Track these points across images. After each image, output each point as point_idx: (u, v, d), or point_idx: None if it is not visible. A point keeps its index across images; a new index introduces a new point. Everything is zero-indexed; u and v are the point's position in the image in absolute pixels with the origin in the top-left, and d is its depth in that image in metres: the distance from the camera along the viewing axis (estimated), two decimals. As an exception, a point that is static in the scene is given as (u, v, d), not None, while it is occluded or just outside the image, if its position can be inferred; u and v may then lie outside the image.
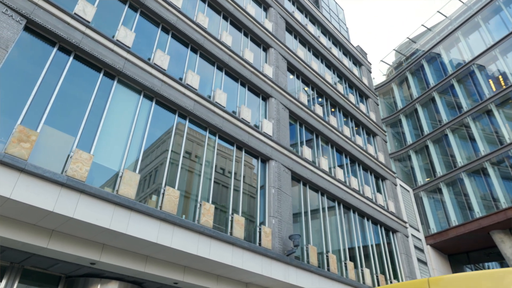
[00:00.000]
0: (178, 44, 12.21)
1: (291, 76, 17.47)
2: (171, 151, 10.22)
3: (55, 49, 8.73)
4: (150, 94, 10.36)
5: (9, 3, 7.98)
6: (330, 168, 16.57)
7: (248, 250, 10.34)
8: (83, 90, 8.95)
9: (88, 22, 9.44)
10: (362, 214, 17.04)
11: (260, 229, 11.51)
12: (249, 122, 12.94)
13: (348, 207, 16.39)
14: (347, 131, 19.13)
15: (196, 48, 12.72)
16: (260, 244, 11.15)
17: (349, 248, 15.13)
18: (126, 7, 10.99)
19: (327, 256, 13.61)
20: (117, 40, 9.91)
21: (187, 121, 11.09)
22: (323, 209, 14.89)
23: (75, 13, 9.22)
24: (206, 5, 14.32)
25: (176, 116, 10.85)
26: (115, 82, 9.67)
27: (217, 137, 11.81)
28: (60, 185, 7.33)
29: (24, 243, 7.47)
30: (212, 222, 10.00)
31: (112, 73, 9.66)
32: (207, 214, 9.98)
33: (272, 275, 10.67)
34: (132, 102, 9.91)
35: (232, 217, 10.84)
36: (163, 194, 9.32)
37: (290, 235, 11.75)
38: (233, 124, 12.23)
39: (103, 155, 8.76)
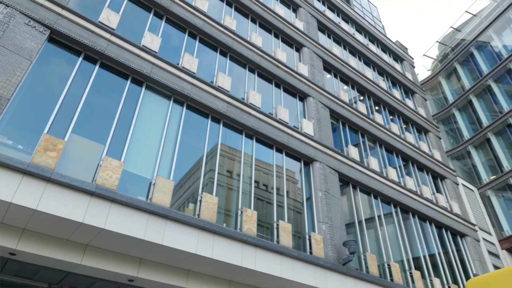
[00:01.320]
0: (206, 48, 11.77)
1: (328, 76, 16.48)
2: (206, 155, 9.55)
3: (80, 58, 8.50)
4: (180, 99, 9.86)
5: (32, 14, 7.87)
6: (381, 169, 15.14)
7: (298, 260, 9.28)
8: (110, 98, 8.60)
9: (113, 29, 9.21)
10: (423, 217, 15.30)
11: (309, 236, 10.41)
12: (287, 123, 12.07)
13: (406, 210, 14.78)
14: (395, 128, 17.63)
15: (225, 50, 12.22)
16: (311, 252, 10.03)
17: (413, 257, 13.47)
18: (151, 14, 10.76)
19: (388, 265, 12.11)
20: (143, 45, 9.59)
21: (221, 125, 10.44)
22: (378, 211, 13.46)
23: (99, 22, 9.03)
24: (233, 9, 13.91)
25: (209, 120, 10.24)
26: (143, 88, 9.28)
27: (254, 140, 11.03)
28: (90, 194, 6.83)
29: (58, 260, 7.00)
30: (256, 230, 9.09)
31: (139, 79, 9.29)
32: (249, 222, 9.10)
33: (328, 287, 9.47)
34: (162, 108, 9.45)
35: (277, 224, 9.87)
36: (200, 201, 8.60)
37: (344, 241, 10.51)
38: (270, 125, 11.43)
39: (134, 163, 8.25)
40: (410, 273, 12.67)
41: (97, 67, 8.69)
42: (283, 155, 11.59)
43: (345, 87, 17.06)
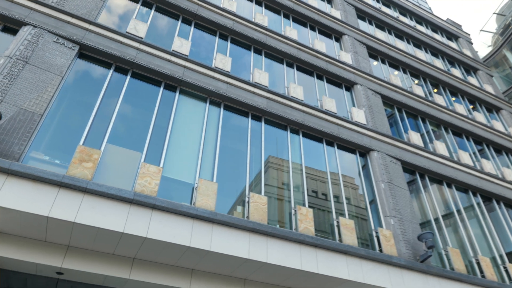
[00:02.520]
0: (239, 47, 11.30)
1: (375, 62, 15.23)
2: (250, 154, 8.88)
3: (111, 70, 8.38)
4: (216, 99, 9.38)
5: (60, 32, 7.92)
6: (450, 153, 13.41)
7: (367, 259, 8.12)
8: (144, 105, 8.33)
9: (141, 38, 9.07)
10: (510, 204, 13.18)
11: (376, 232, 9.19)
12: (335, 113, 11.09)
13: (487, 196, 12.83)
14: (461, 109, 15.73)
15: (259, 47, 11.67)
16: (381, 250, 8.80)
17: (505, 250, 11.49)
18: (179, 22, 10.56)
19: (476, 260, 10.37)
20: (173, 50, 9.33)
21: (263, 122, 9.76)
22: (455, 201, 11.76)
23: (127, 32, 8.94)
24: (263, 7, 13.43)
25: (250, 118, 9.62)
26: (177, 93, 8.94)
27: (300, 135, 10.18)
28: (128, 202, 6.44)
29: (106, 276, 6.63)
30: (313, 230, 8.14)
31: (172, 84, 8.97)
32: (305, 220, 8.18)
33: (407, 288, 8.16)
34: (198, 110, 9.01)
35: (337, 222, 8.82)
36: (248, 202, 7.90)
37: (418, 235, 9.13)
38: (316, 117, 10.53)
39: (174, 169, 7.81)
40: (505, 267, 10.75)
41: (128, 76, 8.52)
42: (334, 148, 10.57)
43: (396, 72, 15.65)
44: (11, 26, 7.69)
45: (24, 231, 6.12)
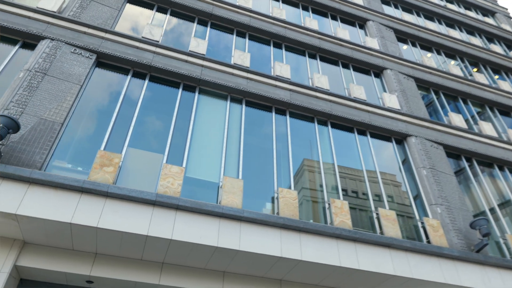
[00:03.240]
0: (257, 43, 11.00)
1: (405, 46, 14.37)
2: (276, 149, 8.47)
3: (129, 76, 8.33)
4: (237, 96, 9.08)
5: (77, 42, 7.98)
6: (499, 134, 12.26)
7: (413, 252, 7.40)
8: (164, 107, 8.19)
9: (157, 41, 9.00)
10: None
11: (422, 223, 8.41)
12: (365, 100, 10.44)
13: (548, 177, 11.53)
14: (506, 86, 14.44)
15: (279, 41, 11.30)
16: (429, 242, 8.02)
17: None
18: (195, 23, 10.44)
19: (542, 248, 9.23)
20: (190, 51, 9.18)
21: (288, 115, 9.33)
22: (510, 187, 10.64)
23: (143, 37, 8.90)
24: (280, 1, 13.08)
25: (273, 112, 9.22)
26: (196, 93, 8.74)
27: (329, 126, 9.63)
28: (151, 204, 6.22)
29: (136, 282, 6.43)
30: (351, 223, 7.54)
31: (191, 84, 8.79)
32: (340, 213, 7.61)
33: (463, 282, 7.33)
34: (219, 108, 8.75)
35: (377, 213, 8.16)
36: (277, 198, 7.46)
37: (471, 222, 8.24)
38: (345, 106, 9.94)
39: (198, 169, 7.55)
40: None
41: (146, 80, 8.43)
42: (367, 137, 9.91)
43: (429, 54, 14.68)
44: (30, 41, 7.84)
45: (50, 240, 6.05)
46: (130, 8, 9.86)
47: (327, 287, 7.41)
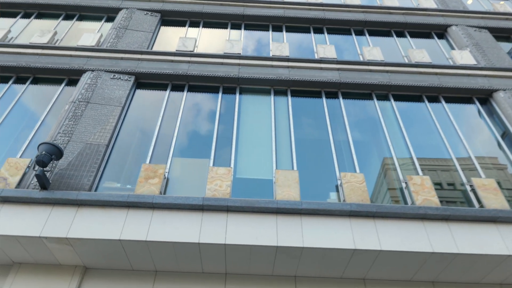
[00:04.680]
0: (295, 33, 10.33)
1: (470, 1, 12.49)
2: (332, 134, 7.54)
3: (168, 90, 8.23)
4: (281, 87, 8.43)
5: (115, 68, 8.14)
6: None
7: (530, 224, 5.79)
8: (206, 113, 7.87)
9: (191, 51, 8.85)
10: None
11: (535, 188, 6.67)
12: (430, 62, 9.02)
13: None
14: None
15: (319, 25, 10.50)
16: (550, 209, 6.26)
17: None
18: (229, 29, 10.19)
19: None
20: (224, 53, 8.86)
21: (340, 97, 8.38)
22: None
23: (176, 50, 8.83)
24: (316, -12, 12.34)
25: (323, 96, 8.36)
26: (237, 93, 8.29)
27: (391, 99, 8.42)
28: (199, 210, 5.75)
29: (201, 298, 5.92)
30: (437, 200, 6.21)
31: (230, 86, 8.39)
32: (422, 191, 6.34)
33: None
34: (263, 104, 8.17)
35: (471, 185, 6.67)
36: (341, 184, 6.49)
37: None
38: (407, 74, 8.67)
39: (247, 169, 6.96)
40: None
41: (185, 91, 8.25)
42: (441, 103, 8.44)
43: (502, 2, 12.55)
44: (74, 77, 8.19)
45: (109, 262, 5.87)
46: (164, 29, 10.00)
47: (423, 281, 6.10)
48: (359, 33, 10.47)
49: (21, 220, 5.52)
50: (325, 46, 9.30)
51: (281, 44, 9.28)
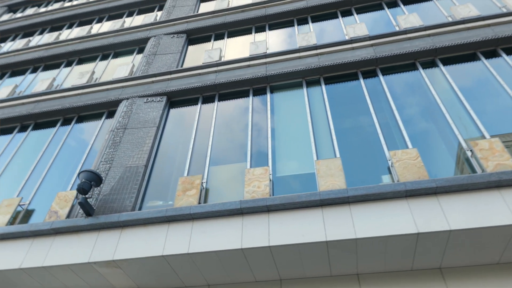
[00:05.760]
0: (322, 22, 9.80)
1: None
2: (376, 115, 6.83)
3: (199, 103, 8.17)
4: (312, 77, 7.94)
5: (147, 92, 8.32)
6: None
7: None
8: (238, 119, 7.63)
9: (217, 61, 8.77)
10: None
11: None
12: (479, 15, 7.90)
13: None
14: None
15: (345, 7, 9.89)
16: None
17: None
18: (253, 33, 10.02)
19: None
20: (250, 55, 8.63)
21: (379, 73, 7.64)
22: None
23: (203, 63, 8.81)
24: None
25: (360, 77, 7.68)
26: (268, 92, 7.97)
27: (440, 65, 7.46)
28: (238, 214, 5.43)
29: (258, 309, 5.52)
30: (514, 162, 5.20)
31: (260, 86, 8.11)
32: (492, 156, 5.35)
33: None
34: (296, 98, 7.72)
35: (556, 140, 5.50)
36: (392, 164, 5.75)
37: None
38: (452, 33, 7.66)
39: (287, 166, 6.51)
40: None
41: (216, 101, 8.12)
42: (502, 56, 7.28)
43: None
44: (112, 109, 8.52)
45: (160, 281, 5.75)
46: (191, 49, 10.12)
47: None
48: (392, 5, 9.63)
49: (71, 249, 5.65)
50: (354, 26, 8.66)
51: (307, 34, 8.84)
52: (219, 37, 10.24)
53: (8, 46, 12.72)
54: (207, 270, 5.48)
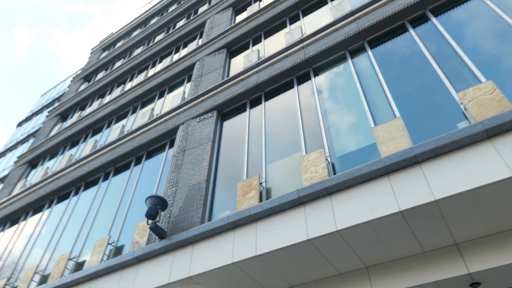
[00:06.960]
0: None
1: None
2: (437, 61, 5.86)
3: (248, 108, 8.02)
4: (355, 44, 7.23)
5: (199, 112, 8.48)
6: None
7: None
8: (287, 112, 7.25)
9: (256, 61, 8.59)
10: None
11: None
12: None
13: None
14: None
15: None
16: None
17: None
18: (288, 25, 9.66)
19: None
20: (286, 46, 8.26)
21: (431, 17, 6.61)
22: None
23: (243, 69, 8.71)
24: None
25: (410, 26, 6.75)
26: (312, 76, 7.47)
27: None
28: (299, 204, 5.03)
29: (349, 304, 4.95)
30: None
31: (303, 72, 7.66)
32: None
33: None
34: (342, 71, 7.07)
35: None
36: (464, 107, 4.78)
37: None
38: None
39: (343, 145, 5.89)
40: None
41: (263, 101, 7.88)
42: None
43: None
44: (172, 137, 8.86)
45: (242, 290, 5.57)
46: (234, 60, 10.15)
47: None
48: None
49: (153, 272, 5.82)
50: (389, -23, 7.75)
51: (340, 3, 8.19)
52: (257, 40, 10.11)
53: (88, 111, 14.40)
54: (282, 270, 5.12)
